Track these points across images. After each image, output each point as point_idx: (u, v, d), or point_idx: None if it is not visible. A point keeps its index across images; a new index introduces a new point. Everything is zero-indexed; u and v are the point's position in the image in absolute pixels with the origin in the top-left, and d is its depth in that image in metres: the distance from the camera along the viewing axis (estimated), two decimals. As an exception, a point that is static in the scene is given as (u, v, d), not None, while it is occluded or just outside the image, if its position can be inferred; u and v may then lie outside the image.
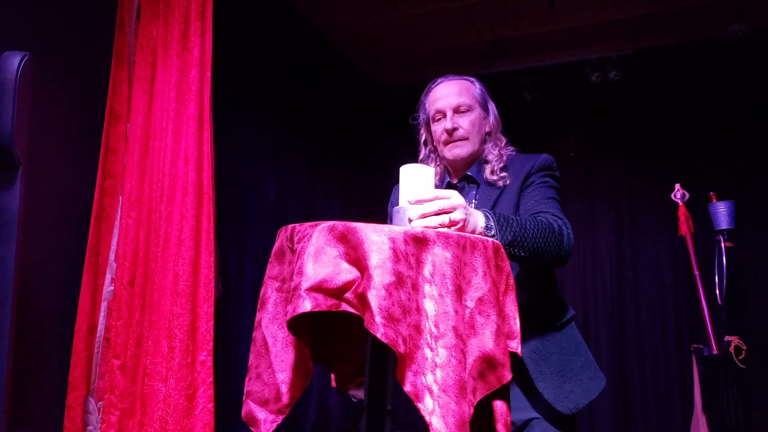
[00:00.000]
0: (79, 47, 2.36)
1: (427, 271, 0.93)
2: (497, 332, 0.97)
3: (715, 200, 3.43)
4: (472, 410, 0.92)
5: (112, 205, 2.32)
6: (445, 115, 1.63)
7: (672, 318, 4.46)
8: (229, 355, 3.17)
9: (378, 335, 0.85)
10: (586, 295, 4.74)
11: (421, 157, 1.75)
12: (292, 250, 1.03)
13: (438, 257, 0.94)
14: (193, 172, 2.22)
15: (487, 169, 1.61)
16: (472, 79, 1.71)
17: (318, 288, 0.90)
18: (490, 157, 1.63)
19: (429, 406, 0.87)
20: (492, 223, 1.23)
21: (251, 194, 3.54)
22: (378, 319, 0.85)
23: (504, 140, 1.68)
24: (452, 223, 1.12)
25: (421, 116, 1.74)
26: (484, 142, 1.67)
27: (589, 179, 4.87)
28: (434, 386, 0.88)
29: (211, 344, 2.11)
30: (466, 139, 1.62)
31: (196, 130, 2.25)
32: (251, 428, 1.04)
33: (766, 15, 3.87)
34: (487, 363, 0.95)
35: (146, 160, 2.30)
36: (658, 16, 4.00)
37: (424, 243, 0.94)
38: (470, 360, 0.94)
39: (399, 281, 0.89)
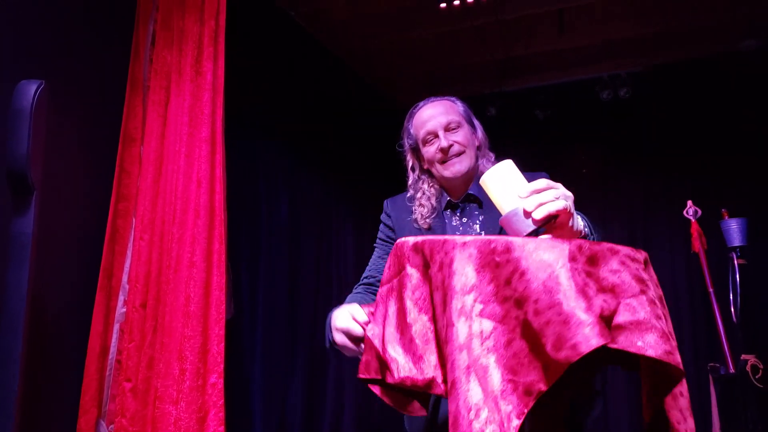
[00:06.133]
0: (95, 73, 2.41)
1: (652, 291, 0.93)
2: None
3: (727, 217, 3.39)
4: None
5: (125, 227, 2.35)
6: (437, 135, 1.63)
7: (689, 336, 4.39)
8: (242, 377, 3.18)
9: (667, 359, 0.86)
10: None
11: (409, 182, 1.75)
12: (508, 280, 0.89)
13: (654, 278, 0.96)
14: (205, 194, 2.24)
15: None
16: (452, 98, 1.72)
17: (599, 320, 0.81)
18: None
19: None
20: (587, 224, 1.20)
21: (265, 215, 3.56)
22: (663, 347, 0.85)
23: (493, 156, 1.68)
24: (567, 214, 1.05)
25: (407, 142, 1.74)
26: (477, 158, 1.66)
27: (603, 195, 4.84)
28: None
29: (222, 366, 2.12)
30: (463, 152, 1.62)
31: (208, 153, 2.28)
32: None
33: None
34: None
35: (159, 183, 2.33)
36: (667, 34, 4.00)
37: (647, 264, 0.96)
38: None
39: (651, 300, 0.89)
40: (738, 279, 3.26)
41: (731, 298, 3.33)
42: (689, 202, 3.58)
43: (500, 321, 0.86)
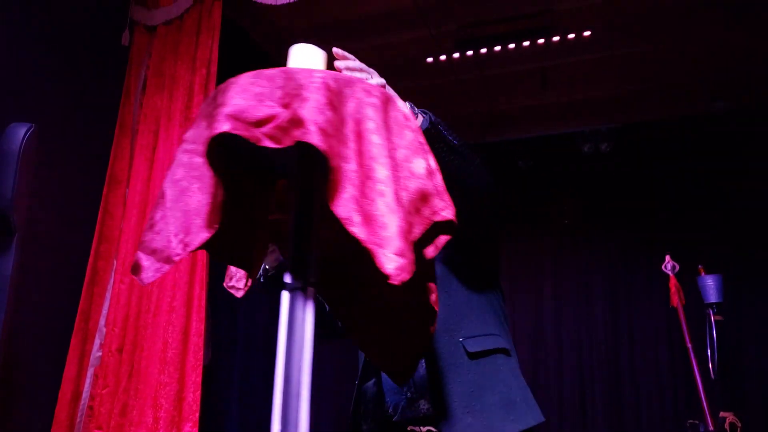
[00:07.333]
0: (84, 115, 2.43)
1: (351, 107, 0.94)
2: (428, 169, 0.97)
3: (703, 273, 3.44)
4: (412, 248, 0.88)
5: (106, 269, 2.33)
6: None
7: (669, 391, 4.39)
8: (218, 426, 3.10)
9: (314, 141, 0.83)
10: (582, 364, 4.68)
11: None
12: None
13: (363, 99, 0.95)
14: (188, 238, 2.24)
15: None
16: None
17: (238, 116, 0.87)
18: None
19: (362, 234, 0.84)
20: (423, 112, 1.22)
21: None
22: (312, 127, 0.84)
23: None
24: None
25: None
26: None
27: (584, 246, 4.91)
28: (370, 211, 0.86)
29: (197, 415, 2.08)
30: None
31: (193, 198, 2.28)
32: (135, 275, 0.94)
33: (746, 93, 4.02)
34: (421, 196, 0.94)
35: (143, 226, 2.33)
36: (644, 93, 4.15)
37: (351, 84, 0.96)
38: (405, 194, 0.93)
39: (332, 106, 0.89)
40: (715, 335, 3.29)
41: (709, 354, 3.35)
42: (667, 257, 3.63)
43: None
